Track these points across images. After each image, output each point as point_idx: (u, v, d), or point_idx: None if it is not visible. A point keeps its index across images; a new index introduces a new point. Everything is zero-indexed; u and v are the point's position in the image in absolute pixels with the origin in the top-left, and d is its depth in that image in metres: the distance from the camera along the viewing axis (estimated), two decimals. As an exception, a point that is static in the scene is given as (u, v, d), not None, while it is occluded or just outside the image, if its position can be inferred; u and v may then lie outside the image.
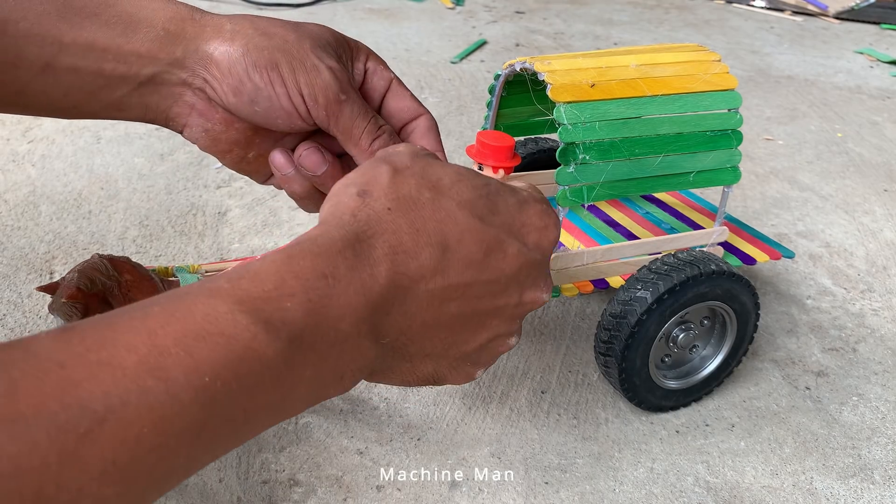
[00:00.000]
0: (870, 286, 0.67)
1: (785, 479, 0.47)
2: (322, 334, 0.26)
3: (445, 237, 0.30)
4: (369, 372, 0.31)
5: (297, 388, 0.26)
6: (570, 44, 1.35)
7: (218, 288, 0.25)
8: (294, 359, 0.25)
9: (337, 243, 0.28)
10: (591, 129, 0.44)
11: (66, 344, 0.22)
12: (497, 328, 0.34)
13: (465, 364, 0.34)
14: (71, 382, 0.20)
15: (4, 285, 0.61)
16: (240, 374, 0.24)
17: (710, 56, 0.50)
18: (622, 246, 0.51)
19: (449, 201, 0.31)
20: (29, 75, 0.37)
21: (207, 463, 0.25)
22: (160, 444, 0.21)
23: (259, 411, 0.25)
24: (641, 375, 0.48)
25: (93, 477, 0.20)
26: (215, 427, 0.23)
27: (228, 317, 0.24)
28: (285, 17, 1.42)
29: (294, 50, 0.37)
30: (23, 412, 0.19)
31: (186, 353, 0.23)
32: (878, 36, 1.48)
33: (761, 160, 0.92)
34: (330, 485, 0.45)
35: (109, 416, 0.20)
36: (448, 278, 0.30)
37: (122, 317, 0.23)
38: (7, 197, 0.75)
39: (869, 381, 0.56)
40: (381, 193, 0.30)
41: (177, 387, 0.22)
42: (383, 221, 0.30)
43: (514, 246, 0.32)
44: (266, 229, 0.71)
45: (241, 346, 0.24)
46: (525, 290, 0.33)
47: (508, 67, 0.49)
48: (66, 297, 0.46)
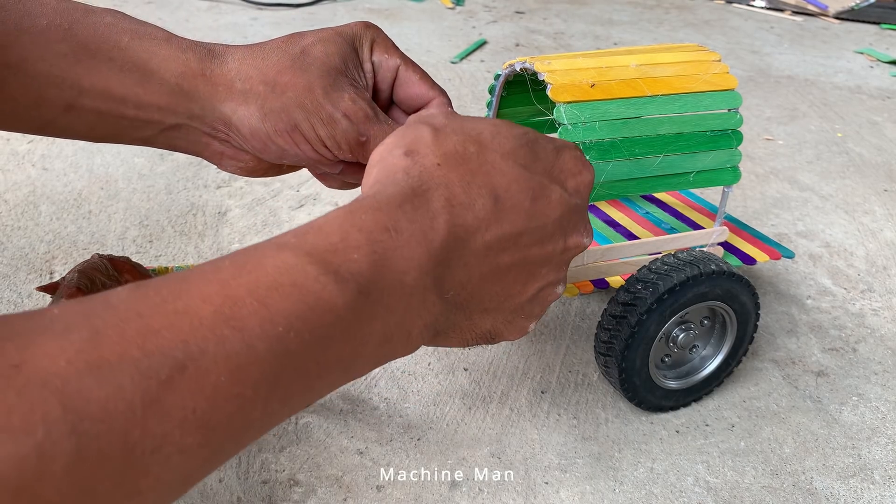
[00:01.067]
0: (870, 286, 0.67)
1: (785, 479, 0.47)
2: (388, 286, 0.27)
3: (495, 187, 0.31)
4: (434, 331, 0.31)
5: (367, 343, 0.27)
6: (570, 44, 1.35)
7: (285, 242, 0.25)
8: (363, 310, 0.26)
9: (395, 198, 0.29)
10: (591, 129, 0.44)
11: (143, 296, 0.22)
12: (547, 276, 0.34)
13: (520, 317, 0.35)
14: (151, 330, 0.21)
15: (4, 285, 0.61)
16: (312, 325, 0.24)
17: (711, 56, 0.50)
18: (622, 246, 0.51)
19: (493, 153, 0.31)
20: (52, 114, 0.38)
21: (282, 418, 0.25)
22: (237, 394, 0.22)
23: (331, 365, 0.25)
24: (641, 375, 0.48)
25: (175, 424, 0.20)
26: (289, 379, 0.24)
27: (298, 268, 0.24)
28: (285, 16, 1.42)
29: (308, 103, 0.38)
30: (107, 358, 0.20)
31: (260, 304, 0.23)
32: (878, 36, 1.48)
33: (761, 160, 0.92)
34: (330, 485, 0.45)
35: (189, 363, 0.21)
36: (502, 227, 0.31)
37: (193, 272, 0.24)
38: (7, 197, 0.75)
39: (869, 381, 0.56)
40: (428, 150, 0.31)
41: (252, 336, 0.22)
42: (435, 176, 0.30)
43: (556, 191, 0.33)
44: (266, 229, 0.71)
45: (313, 296, 0.24)
46: (569, 235, 0.34)
47: (508, 67, 0.49)
48: (66, 298, 0.46)
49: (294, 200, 0.77)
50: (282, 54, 0.39)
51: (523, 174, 0.31)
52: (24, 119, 0.38)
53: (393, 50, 0.41)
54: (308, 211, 0.75)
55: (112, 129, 0.40)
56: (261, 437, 0.26)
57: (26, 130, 0.39)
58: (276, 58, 0.39)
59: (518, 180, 0.31)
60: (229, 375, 0.22)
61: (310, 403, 0.26)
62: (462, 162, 0.31)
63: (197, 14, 1.42)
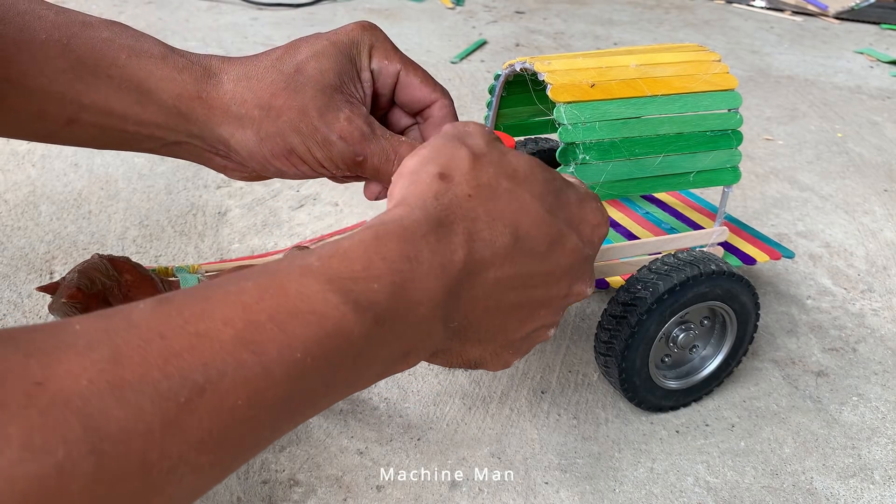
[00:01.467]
0: (870, 286, 0.67)
1: (785, 479, 0.47)
2: (402, 316, 0.27)
3: (517, 227, 0.31)
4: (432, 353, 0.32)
5: (373, 367, 0.28)
6: (570, 44, 1.35)
7: (309, 266, 0.26)
8: (376, 338, 0.26)
9: (422, 226, 0.29)
10: (591, 130, 0.44)
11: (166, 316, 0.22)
12: (544, 318, 0.35)
13: (507, 351, 0.35)
14: (172, 352, 0.21)
15: (4, 285, 0.61)
16: (328, 351, 0.25)
17: (710, 56, 0.50)
18: (622, 246, 0.51)
19: (524, 193, 0.32)
20: (54, 127, 0.38)
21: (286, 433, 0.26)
22: (252, 417, 0.22)
23: (338, 386, 0.26)
24: (641, 375, 0.48)
25: (192, 445, 0.21)
26: (300, 400, 0.24)
27: (320, 296, 0.25)
28: (285, 16, 1.42)
29: (303, 127, 0.38)
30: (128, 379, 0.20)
31: (280, 329, 0.23)
32: (878, 36, 1.48)
33: (761, 160, 0.92)
34: (330, 485, 0.45)
35: (208, 386, 0.21)
36: (515, 267, 0.31)
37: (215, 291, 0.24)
38: (7, 197, 0.75)
39: (869, 381, 0.56)
40: (463, 179, 0.31)
41: (270, 361, 0.23)
42: (463, 208, 0.30)
43: (572, 240, 0.33)
44: (266, 229, 0.71)
45: (332, 324, 0.25)
46: (574, 283, 0.35)
47: (508, 67, 0.49)
48: (66, 297, 0.46)
49: (294, 200, 0.77)
50: (276, 74, 0.38)
51: (546, 218, 0.32)
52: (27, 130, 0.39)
53: (393, 54, 0.41)
54: (308, 211, 0.75)
55: (115, 141, 0.40)
56: None
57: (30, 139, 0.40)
58: (270, 78, 0.38)
59: (541, 224, 0.32)
60: (246, 399, 0.22)
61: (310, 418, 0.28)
62: (493, 197, 0.31)
63: (197, 14, 1.42)
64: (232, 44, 1.25)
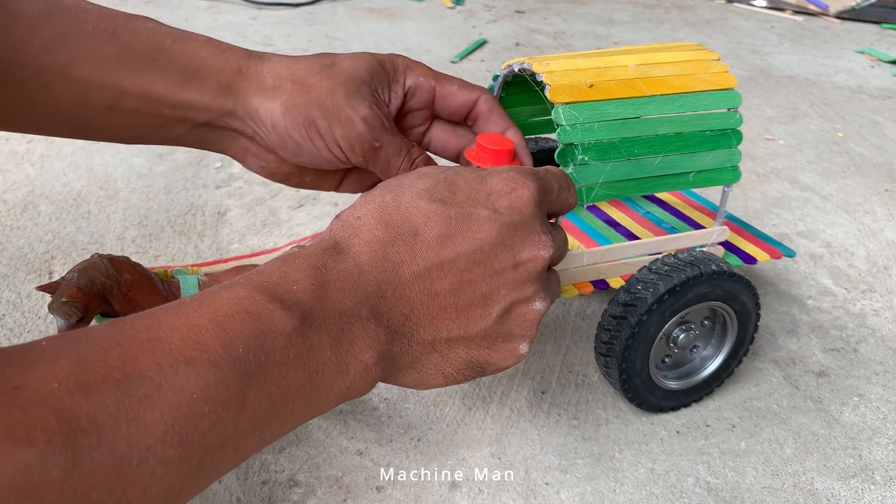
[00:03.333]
0: (871, 286, 0.67)
1: (786, 479, 0.47)
2: (329, 315, 0.29)
3: (413, 224, 0.33)
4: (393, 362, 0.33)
5: (323, 372, 0.29)
6: (571, 43, 1.35)
7: (235, 282, 0.29)
8: (311, 336, 0.29)
9: (320, 247, 0.32)
10: (589, 130, 0.44)
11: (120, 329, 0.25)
12: (508, 295, 0.34)
13: (498, 340, 0.35)
14: (129, 356, 0.24)
15: (4, 285, 0.61)
16: (267, 348, 0.27)
17: (710, 55, 0.50)
18: (622, 246, 0.50)
19: (405, 195, 0.34)
20: (93, 114, 0.40)
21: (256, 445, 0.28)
22: (209, 411, 0.25)
23: (293, 392, 0.28)
24: (642, 376, 0.48)
25: (157, 437, 0.23)
26: (255, 402, 0.26)
27: (249, 297, 0.28)
28: (285, 16, 1.42)
29: (328, 103, 0.40)
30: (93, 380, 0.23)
31: (220, 329, 0.26)
32: (878, 35, 1.48)
33: (762, 160, 0.91)
34: (330, 485, 0.45)
35: (163, 382, 0.24)
36: (427, 258, 0.32)
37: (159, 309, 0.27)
38: (6, 197, 0.75)
39: (870, 382, 0.56)
40: (353, 210, 0.34)
41: (217, 357, 0.25)
42: (354, 227, 0.33)
43: (482, 214, 0.33)
44: (265, 229, 0.71)
45: (265, 321, 0.27)
46: (517, 252, 0.34)
47: (507, 68, 0.48)
48: (65, 297, 0.46)
49: (294, 200, 0.77)
50: (313, 62, 0.41)
51: (439, 207, 0.33)
52: (66, 119, 0.40)
53: (427, 71, 0.44)
54: (308, 211, 0.75)
55: (147, 129, 0.42)
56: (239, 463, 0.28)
57: (64, 133, 0.41)
58: (307, 63, 0.41)
59: (435, 213, 0.33)
60: (200, 392, 0.24)
61: (282, 433, 0.29)
62: (379, 210, 0.33)
63: (196, 13, 1.42)
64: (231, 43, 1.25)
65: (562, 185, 0.38)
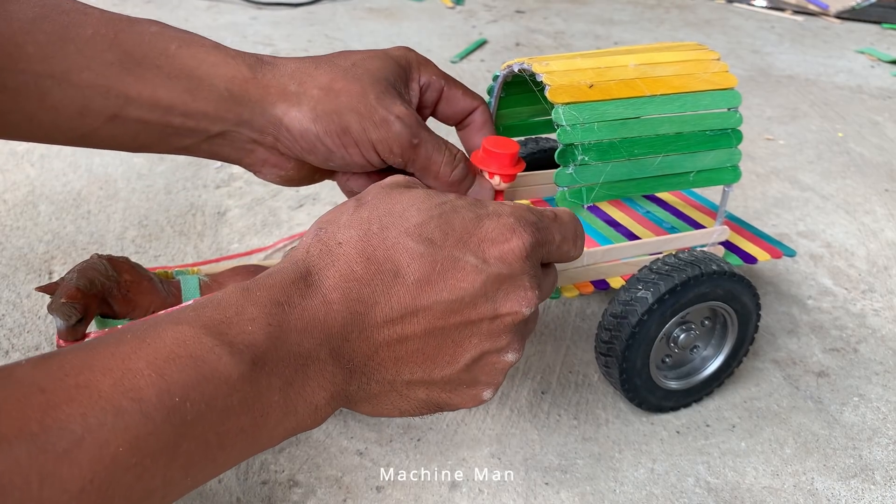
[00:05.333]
0: (871, 286, 0.67)
1: (786, 479, 0.47)
2: (283, 357, 0.27)
3: (396, 263, 0.30)
4: (347, 398, 0.31)
5: (269, 415, 0.27)
6: (571, 43, 1.35)
7: (184, 316, 0.27)
8: (260, 381, 0.26)
9: (289, 276, 0.29)
10: (589, 130, 0.44)
11: (46, 370, 0.23)
12: (480, 345, 0.32)
13: (462, 386, 0.34)
14: (50, 405, 0.22)
15: (3, 285, 0.61)
16: (208, 395, 0.25)
17: (710, 55, 0.50)
18: (623, 246, 0.50)
19: (395, 230, 0.31)
20: (97, 123, 0.38)
21: (187, 489, 0.25)
22: (136, 464, 0.23)
23: (232, 436, 0.26)
24: (642, 376, 0.48)
25: (73, 495, 0.21)
26: (189, 449, 0.24)
27: (195, 339, 0.25)
28: (285, 16, 1.42)
29: (361, 107, 0.38)
30: (5, 433, 0.20)
31: (158, 375, 0.24)
32: (879, 35, 1.48)
33: (762, 160, 0.91)
34: (329, 485, 0.45)
35: (87, 435, 0.22)
36: (403, 302, 0.30)
37: (98, 344, 0.25)
38: (6, 197, 0.75)
39: (870, 382, 0.56)
40: (336, 229, 0.32)
41: (149, 407, 0.23)
42: (333, 255, 0.31)
43: (470, 262, 0.31)
44: (265, 229, 0.71)
45: (209, 367, 0.25)
46: (499, 305, 0.32)
47: (507, 68, 0.48)
48: (65, 298, 0.46)
49: (294, 200, 0.77)
50: (333, 66, 0.40)
51: (426, 250, 0.31)
52: (65, 129, 0.38)
53: (437, 70, 0.43)
54: (308, 211, 0.75)
55: (155, 139, 0.40)
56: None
57: (64, 142, 0.39)
58: (327, 67, 0.40)
59: (421, 255, 0.31)
60: (127, 446, 0.22)
61: (218, 473, 0.27)
62: (364, 238, 0.31)
63: (196, 13, 1.42)
64: (231, 43, 1.25)
65: (566, 236, 0.35)
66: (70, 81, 0.36)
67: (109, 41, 0.37)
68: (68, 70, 0.36)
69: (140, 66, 0.37)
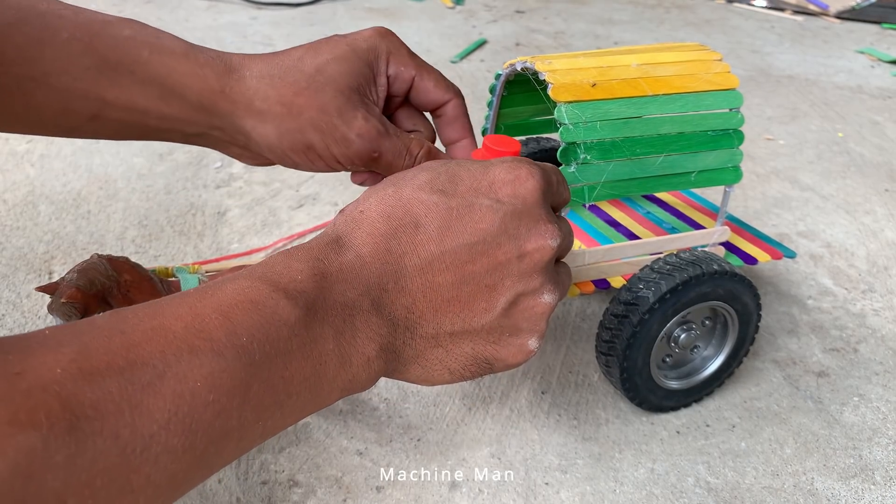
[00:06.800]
0: (871, 286, 0.67)
1: (786, 479, 0.47)
2: (332, 307, 0.29)
3: (415, 216, 0.32)
4: (396, 356, 0.32)
5: (327, 364, 0.29)
6: (571, 43, 1.35)
7: (239, 274, 0.29)
8: (314, 328, 0.28)
9: (322, 241, 0.32)
10: (591, 129, 0.44)
11: (123, 317, 0.25)
12: (513, 287, 0.33)
13: (504, 335, 0.34)
14: (132, 344, 0.24)
15: (3, 285, 0.61)
16: (272, 338, 0.27)
17: (712, 55, 0.50)
18: (623, 246, 0.50)
19: (407, 188, 0.33)
20: (79, 122, 0.40)
21: (259, 436, 0.27)
22: (213, 401, 0.24)
23: (297, 384, 0.28)
24: (643, 375, 0.48)
25: (161, 425, 0.23)
26: (259, 392, 0.26)
27: (253, 288, 0.28)
28: (285, 16, 1.42)
29: (322, 124, 0.40)
30: (96, 367, 0.22)
31: (224, 318, 0.26)
32: (879, 35, 1.48)
33: (762, 160, 0.91)
34: (329, 485, 0.45)
35: (167, 370, 0.24)
36: (429, 249, 0.32)
37: (163, 300, 0.27)
38: (6, 197, 0.75)
39: (870, 382, 0.56)
40: (356, 204, 0.34)
41: (220, 346, 0.25)
42: (356, 220, 0.33)
43: (484, 204, 0.33)
44: (265, 229, 0.71)
45: (269, 310, 0.27)
46: (522, 241, 0.33)
47: (509, 67, 0.48)
48: (65, 298, 0.46)
49: (294, 200, 0.77)
50: (298, 74, 0.41)
51: (440, 198, 0.33)
52: (51, 126, 0.40)
53: (408, 60, 0.43)
54: (307, 211, 0.75)
55: (136, 135, 0.42)
56: (241, 454, 0.27)
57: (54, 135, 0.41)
58: (292, 77, 0.41)
59: (436, 204, 0.33)
60: (203, 381, 0.24)
61: (285, 426, 0.29)
62: (381, 203, 0.33)
63: (196, 13, 1.42)
64: (231, 43, 1.25)
65: (559, 179, 0.37)
66: (50, 84, 0.38)
67: (85, 45, 0.38)
68: (48, 73, 0.37)
69: (115, 71, 0.38)
